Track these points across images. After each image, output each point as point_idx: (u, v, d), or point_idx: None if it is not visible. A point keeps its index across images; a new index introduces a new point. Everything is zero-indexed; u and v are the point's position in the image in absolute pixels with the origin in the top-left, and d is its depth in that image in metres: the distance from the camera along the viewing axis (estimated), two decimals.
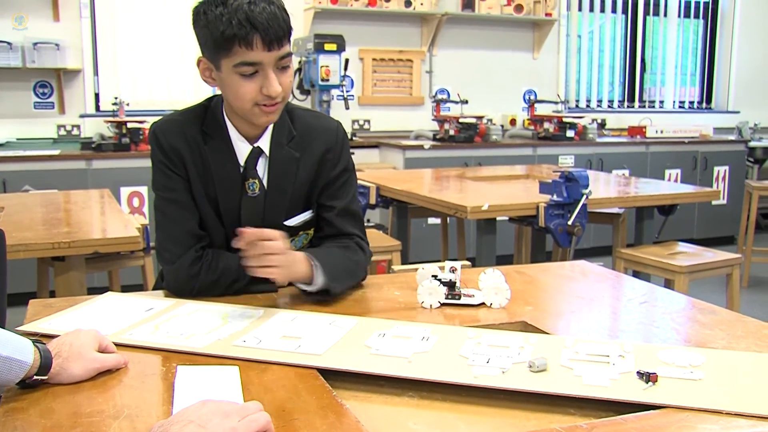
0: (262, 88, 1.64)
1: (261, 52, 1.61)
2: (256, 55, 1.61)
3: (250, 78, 1.64)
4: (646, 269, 3.70)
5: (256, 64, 1.62)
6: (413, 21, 6.71)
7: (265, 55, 1.61)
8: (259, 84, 1.64)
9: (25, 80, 5.58)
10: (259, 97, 1.66)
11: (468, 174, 4.52)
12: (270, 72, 1.64)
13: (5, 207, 3.18)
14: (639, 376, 1.23)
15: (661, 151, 6.81)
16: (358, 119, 6.56)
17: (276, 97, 1.66)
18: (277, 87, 1.64)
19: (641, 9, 7.73)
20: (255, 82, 1.64)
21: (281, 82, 1.66)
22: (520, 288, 1.84)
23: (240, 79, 1.65)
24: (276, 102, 1.68)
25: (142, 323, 1.53)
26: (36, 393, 1.21)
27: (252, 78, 1.64)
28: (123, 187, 5.15)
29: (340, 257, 1.79)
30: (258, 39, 1.59)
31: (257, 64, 1.62)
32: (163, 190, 1.78)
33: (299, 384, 1.24)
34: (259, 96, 1.65)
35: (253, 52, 1.60)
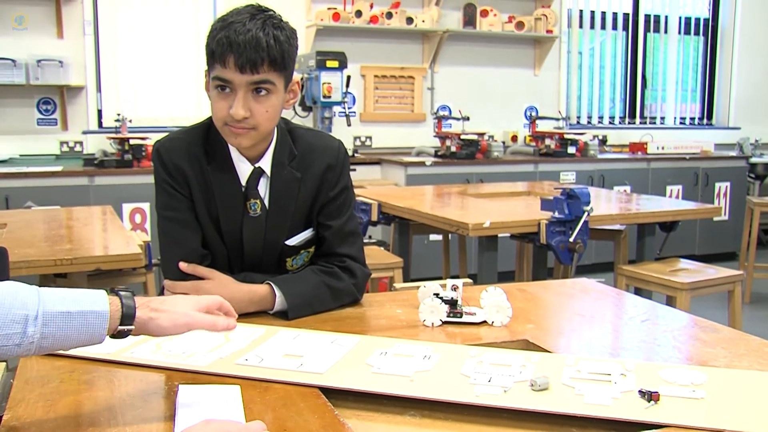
0: (230, 108, 1.66)
1: (233, 73, 1.63)
2: (229, 74, 1.63)
3: (224, 95, 1.66)
4: (648, 286, 3.70)
5: (228, 82, 1.64)
6: (415, 38, 6.74)
7: (237, 76, 1.63)
8: (230, 103, 1.66)
9: (29, 97, 5.61)
10: (228, 118, 1.67)
11: (469, 191, 4.52)
12: (239, 94, 1.64)
13: (8, 223, 3.19)
14: (641, 395, 1.23)
15: (663, 168, 6.82)
16: (359, 136, 6.57)
17: (239, 120, 1.65)
18: (239, 110, 1.64)
19: (642, 26, 7.77)
20: (226, 101, 1.66)
21: (252, 108, 1.66)
22: (522, 306, 1.84)
23: (216, 94, 1.68)
24: (243, 126, 1.67)
25: (144, 341, 1.53)
26: (36, 411, 1.21)
27: (225, 96, 1.66)
28: (125, 203, 5.16)
29: (314, 283, 1.79)
30: (231, 59, 1.62)
31: (229, 83, 1.64)
32: (167, 209, 1.78)
33: (301, 403, 1.24)
34: (227, 116, 1.67)
35: (226, 70, 1.63)
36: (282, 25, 1.68)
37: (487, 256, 3.48)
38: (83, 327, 1.16)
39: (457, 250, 4.94)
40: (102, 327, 1.17)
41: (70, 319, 1.15)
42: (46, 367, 1.40)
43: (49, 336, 1.13)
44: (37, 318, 1.12)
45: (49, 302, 1.15)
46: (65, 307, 1.15)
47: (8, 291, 1.14)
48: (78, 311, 1.15)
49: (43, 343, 1.13)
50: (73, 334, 1.15)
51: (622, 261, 4.20)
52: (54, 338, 1.14)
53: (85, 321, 1.16)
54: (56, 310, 1.14)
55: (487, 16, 6.77)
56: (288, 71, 1.71)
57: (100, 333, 1.18)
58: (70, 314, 1.15)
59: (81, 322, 1.15)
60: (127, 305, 1.21)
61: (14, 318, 1.11)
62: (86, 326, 1.16)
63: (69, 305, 1.16)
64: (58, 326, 1.14)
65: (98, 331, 1.17)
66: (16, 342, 1.11)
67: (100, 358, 1.43)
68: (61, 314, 1.14)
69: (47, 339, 1.13)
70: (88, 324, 1.16)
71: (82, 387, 1.31)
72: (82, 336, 1.16)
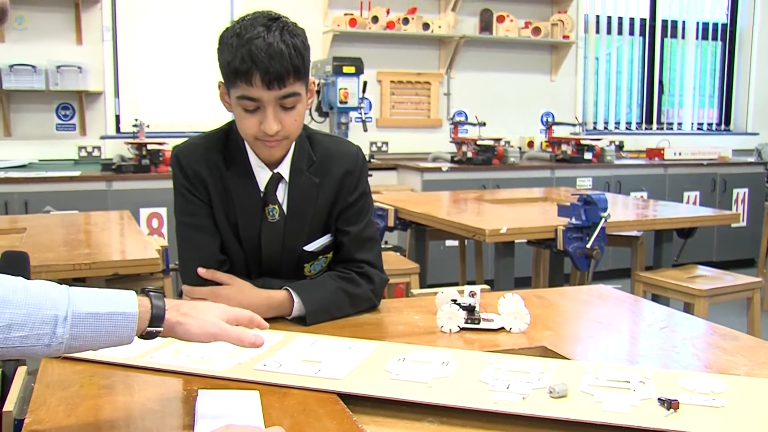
0: (261, 124, 1.66)
1: (260, 90, 1.61)
2: (256, 92, 1.62)
3: (252, 112, 1.66)
4: (666, 293, 3.69)
5: (256, 100, 1.64)
6: (431, 44, 6.75)
7: (265, 93, 1.62)
8: (260, 119, 1.66)
9: (48, 102, 5.66)
10: (259, 133, 1.67)
11: (486, 196, 4.52)
12: (269, 110, 1.64)
13: (27, 228, 3.21)
14: (660, 403, 1.23)
15: (680, 174, 6.79)
16: (376, 141, 6.58)
17: (274, 135, 1.66)
18: (272, 126, 1.65)
19: (659, 31, 7.74)
20: (255, 117, 1.66)
21: (283, 121, 1.66)
22: (540, 312, 1.84)
23: (242, 112, 1.67)
24: (276, 139, 1.68)
25: (163, 346, 1.53)
26: (57, 414, 1.21)
27: (253, 113, 1.66)
28: (142, 208, 5.19)
29: (332, 289, 1.79)
30: (257, 77, 1.60)
31: (257, 101, 1.64)
32: (185, 215, 1.79)
33: (319, 409, 1.24)
34: (259, 132, 1.67)
35: (253, 88, 1.61)
36: (296, 30, 1.68)
37: (503, 262, 3.47)
38: (112, 328, 1.17)
39: (474, 255, 4.94)
40: (130, 328, 1.19)
41: (99, 321, 1.16)
42: (66, 371, 1.41)
43: (79, 337, 1.15)
44: (66, 319, 1.13)
45: (79, 302, 1.16)
46: (95, 308, 1.16)
47: (38, 290, 1.15)
48: (107, 312, 1.17)
49: (72, 344, 1.15)
50: (102, 336, 1.17)
51: (639, 267, 4.18)
52: (83, 339, 1.15)
53: (114, 322, 1.17)
54: (86, 311, 1.15)
55: (504, 21, 6.76)
56: (307, 75, 1.71)
57: (128, 334, 1.19)
58: (99, 315, 1.16)
59: (110, 323, 1.17)
60: (157, 306, 1.23)
61: (44, 318, 1.12)
62: (115, 327, 1.17)
63: (99, 306, 1.17)
64: (87, 327, 1.15)
65: (126, 332, 1.19)
66: (45, 342, 1.13)
67: (120, 362, 1.44)
68: (91, 315, 1.16)
69: (76, 340, 1.15)
70: (117, 325, 1.17)
71: (102, 391, 1.32)
72: (110, 337, 1.18)
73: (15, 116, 5.59)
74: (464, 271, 4.98)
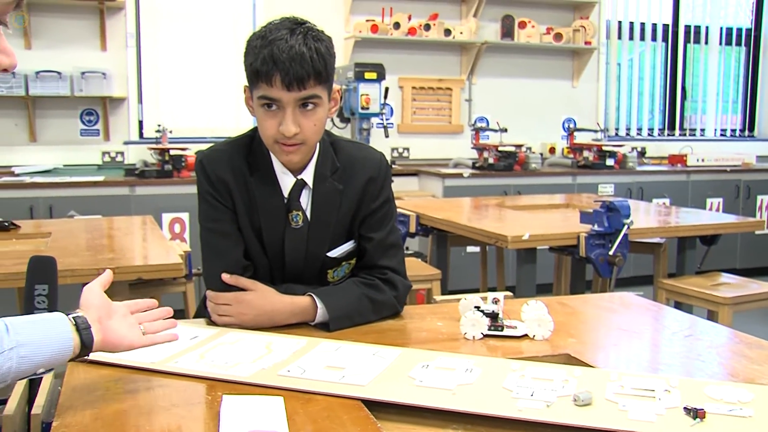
0: (279, 126, 1.67)
1: (280, 91, 1.64)
2: (276, 93, 1.65)
3: (272, 114, 1.68)
4: (689, 300, 3.66)
5: (276, 101, 1.66)
6: (453, 50, 6.75)
7: (284, 94, 1.64)
8: (279, 121, 1.68)
9: (73, 108, 5.71)
10: (278, 135, 1.69)
11: (507, 203, 4.51)
12: (288, 111, 1.66)
13: (52, 232, 3.24)
14: (686, 412, 1.22)
15: (703, 180, 6.74)
16: (397, 147, 6.59)
17: (291, 137, 1.68)
18: (291, 127, 1.66)
19: (682, 37, 7.69)
20: (275, 119, 1.68)
21: (302, 124, 1.68)
22: (563, 320, 1.83)
23: (263, 113, 1.69)
24: (294, 143, 1.70)
25: (188, 351, 1.55)
26: (84, 418, 1.22)
27: (273, 114, 1.68)
28: (165, 213, 5.22)
29: (356, 296, 1.79)
30: (278, 78, 1.62)
31: (277, 101, 1.66)
32: (209, 220, 1.80)
33: (344, 415, 1.24)
34: (278, 134, 1.69)
35: (273, 89, 1.64)
36: (321, 36, 1.70)
37: (525, 269, 3.46)
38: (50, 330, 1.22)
39: (495, 262, 4.93)
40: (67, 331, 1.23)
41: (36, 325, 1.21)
42: (91, 375, 1.42)
43: (25, 344, 1.18)
44: (8, 329, 1.17)
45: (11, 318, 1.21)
46: (25, 318, 1.22)
47: None
48: (40, 318, 1.23)
49: (20, 351, 1.17)
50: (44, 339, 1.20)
51: (661, 274, 4.16)
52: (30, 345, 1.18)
53: (50, 325, 1.22)
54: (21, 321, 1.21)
55: (525, 27, 6.75)
56: (330, 82, 1.72)
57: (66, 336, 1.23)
58: (35, 322, 1.22)
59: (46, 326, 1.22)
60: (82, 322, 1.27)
61: None
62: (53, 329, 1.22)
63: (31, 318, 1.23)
64: (28, 333, 1.19)
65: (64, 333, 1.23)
66: None
67: (144, 367, 1.45)
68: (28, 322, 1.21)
69: (24, 347, 1.18)
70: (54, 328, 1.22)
71: (127, 396, 1.33)
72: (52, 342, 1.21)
73: (40, 122, 5.65)
74: (485, 277, 4.97)
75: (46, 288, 1.51)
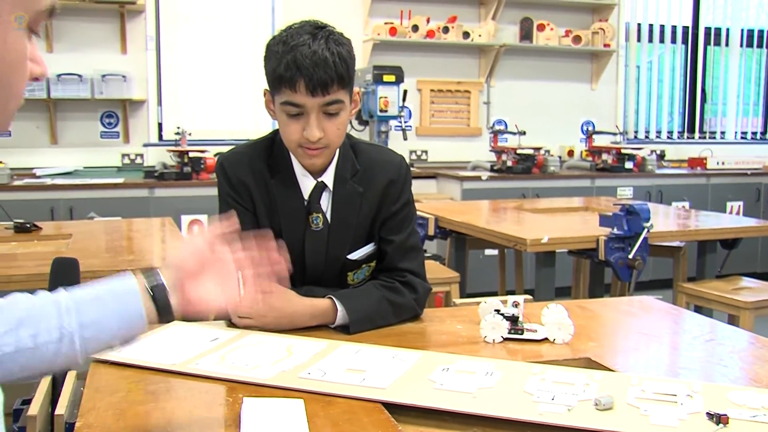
0: (303, 131, 1.68)
1: (304, 97, 1.64)
2: (300, 99, 1.65)
3: (295, 118, 1.68)
4: (709, 304, 3.64)
5: (300, 106, 1.66)
6: (471, 52, 6.74)
7: (308, 100, 1.65)
8: (303, 126, 1.68)
9: (93, 110, 5.75)
10: (302, 140, 1.69)
11: (526, 206, 4.50)
12: (312, 116, 1.67)
13: (73, 234, 3.26)
14: (709, 417, 1.21)
15: (723, 183, 6.70)
16: (415, 150, 6.59)
17: (315, 142, 1.68)
18: (315, 132, 1.67)
19: (702, 39, 7.64)
20: (299, 124, 1.69)
21: (326, 128, 1.69)
22: (583, 323, 1.82)
23: (286, 118, 1.70)
24: (318, 147, 1.71)
25: (209, 353, 1.55)
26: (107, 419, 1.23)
27: (297, 119, 1.68)
28: (184, 215, 5.24)
29: (376, 298, 1.79)
30: (302, 83, 1.63)
31: (301, 107, 1.66)
32: None
33: (364, 417, 1.24)
34: (301, 138, 1.69)
35: (297, 95, 1.65)
36: (342, 40, 1.70)
37: (544, 272, 3.45)
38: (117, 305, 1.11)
39: (513, 265, 4.92)
40: (137, 304, 1.12)
41: (102, 302, 1.11)
42: (113, 377, 1.43)
43: (88, 325, 1.09)
44: (69, 309, 1.09)
45: (77, 292, 1.12)
46: (94, 292, 1.12)
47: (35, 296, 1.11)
48: (107, 290, 1.12)
49: (84, 333, 1.09)
50: (111, 318, 1.11)
51: (681, 278, 4.13)
52: (93, 326, 1.10)
53: (118, 298, 1.12)
54: (86, 297, 1.12)
55: (544, 30, 6.73)
56: (351, 85, 1.73)
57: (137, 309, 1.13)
58: (100, 297, 1.12)
59: (114, 301, 1.12)
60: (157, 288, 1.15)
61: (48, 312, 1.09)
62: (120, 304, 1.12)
63: (96, 289, 1.13)
64: (92, 310, 1.10)
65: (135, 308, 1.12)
66: (56, 337, 1.08)
67: (166, 368, 1.46)
68: (92, 298, 1.11)
69: (87, 328, 1.09)
70: (121, 301, 1.12)
71: (148, 397, 1.34)
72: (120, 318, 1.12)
73: (61, 124, 5.69)
74: (504, 280, 4.96)
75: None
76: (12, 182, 5.10)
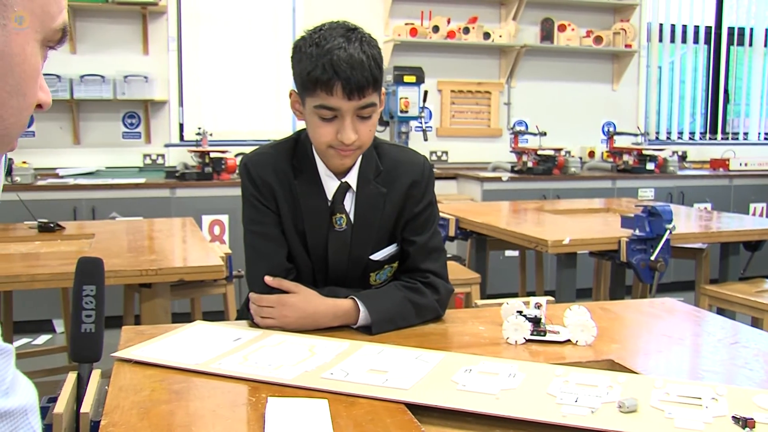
0: (338, 133, 1.67)
1: (340, 100, 1.63)
2: (335, 102, 1.64)
3: (328, 121, 1.68)
4: (732, 307, 3.61)
5: (335, 110, 1.65)
6: (492, 53, 6.73)
7: (344, 103, 1.64)
8: (336, 128, 1.67)
9: (115, 111, 5.79)
10: (335, 141, 1.69)
11: (546, 207, 4.48)
12: (347, 119, 1.66)
13: (95, 234, 3.29)
14: (735, 421, 1.20)
15: (746, 185, 6.64)
16: (436, 150, 6.58)
17: (350, 144, 1.68)
18: (351, 135, 1.67)
19: (725, 39, 7.58)
20: (332, 126, 1.68)
21: (359, 130, 1.68)
22: (606, 325, 1.81)
23: (318, 120, 1.68)
24: (350, 148, 1.70)
25: (232, 353, 1.56)
26: (131, 418, 1.24)
27: (330, 122, 1.68)
28: (204, 215, 5.26)
29: (398, 299, 1.79)
30: (339, 87, 1.62)
31: (336, 110, 1.65)
32: (253, 223, 1.82)
33: (388, 418, 1.24)
34: (334, 140, 1.69)
35: (333, 98, 1.63)
36: (373, 42, 1.70)
37: (566, 274, 3.44)
38: None
39: (534, 266, 4.90)
40: None
41: None
42: (138, 376, 1.44)
43: None
44: None
45: None
46: None
47: None
48: None
49: None
50: None
51: (703, 280, 4.10)
52: None
53: None
54: None
55: (565, 30, 6.71)
56: (381, 86, 1.73)
57: None
58: None
59: None
60: None
61: None
62: None
63: None
64: None
65: None
66: None
67: (189, 368, 1.47)
68: None
69: None
70: None
71: (172, 396, 1.35)
72: None
73: (84, 124, 5.74)
74: (524, 282, 4.95)
75: (93, 289, 1.53)
76: (35, 182, 5.15)
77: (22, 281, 2.52)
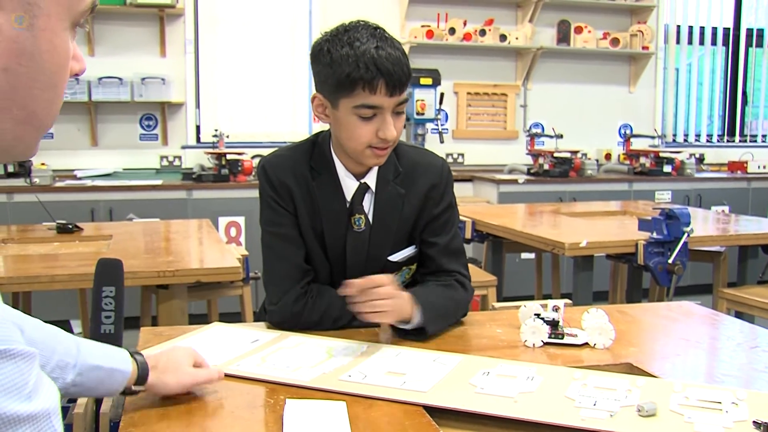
0: (378, 132, 1.67)
1: (383, 97, 1.64)
2: (378, 100, 1.64)
3: (368, 120, 1.67)
4: (751, 310, 3.58)
5: (376, 108, 1.65)
6: (508, 55, 6.72)
7: (386, 100, 1.65)
8: (376, 127, 1.67)
9: (133, 113, 5.82)
10: (374, 140, 1.69)
11: (563, 209, 4.47)
12: (388, 116, 1.67)
13: (113, 235, 3.31)
14: (755, 426, 1.19)
15: (764, 187, 6.60)
16: (452, 153, 6.57)
17: (390, 141, 1.69)
18: (392, 131, 1.67)
19: (743, 41, 7.53)
20: (372, 125, 1.67)
21: (396, 126, 1.69)
22: (624, 328, 1.81)
23: (357, 121, 1.68)
24: (387, 146, 1.71)
25: (249, 354, 1.56)
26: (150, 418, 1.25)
27: (369, 121, 1.67)
28: (221, 216, 5.28)
29: (441, 297, 1.79)
30: (382, 84, 1.62)
31: (377, 108, 1.66)
32: (271, 225, 1.82)
33: (406, 421, 1.24)
34: (374, 139, 1.68)
35: (375, 96, 1.63)
36: (396, 39, 1.71)
37: (582, 276, 3.42)
38: (108, 381, 1.26)
39: (550, 269, 4.89)
40: (122, 384, 1.27)
41: (101, 373, 1.25)
42: None
43: (79, 384, 1.23)
44: (75, 366, 1.22)
45: (86, 353, 1.24)
46: (100, 361, 1.25)
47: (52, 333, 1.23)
48: (108, 367, 1.25)
49: (69, 390, 1.23)
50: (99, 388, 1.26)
51: (721, 284, 4.07)
52: (82, 387, 1.24)
53: (112, 377, 1.26)
54: (92, 363, 1.24)
55: (582, 32, 6.69)
56: None
57: (117, 389, 1.28)
58: (102, 368, 1.25)
59: (108, 378, 1.25)
60: (143, 368, 1.30)
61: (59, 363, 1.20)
62: (111, 381, 1.26)
63: (103, 359, 1.26)
64: (90, 378, 1.24)
65: (117, 387, 1.27)
66: None
67: None
68: (96, 368, 1.24)
69: (76, 387, 1.23)
70: (114, 380, 1.26)
71: (191, 397, 1.35)
72: (104, 389, 1.27)
73: (101, 126, 5.77)
74: (541, 284, 4.93)
75: (113, 290, 1.54)
76: (54, 183, 5.19)
77: (42, 282, 2.53)
